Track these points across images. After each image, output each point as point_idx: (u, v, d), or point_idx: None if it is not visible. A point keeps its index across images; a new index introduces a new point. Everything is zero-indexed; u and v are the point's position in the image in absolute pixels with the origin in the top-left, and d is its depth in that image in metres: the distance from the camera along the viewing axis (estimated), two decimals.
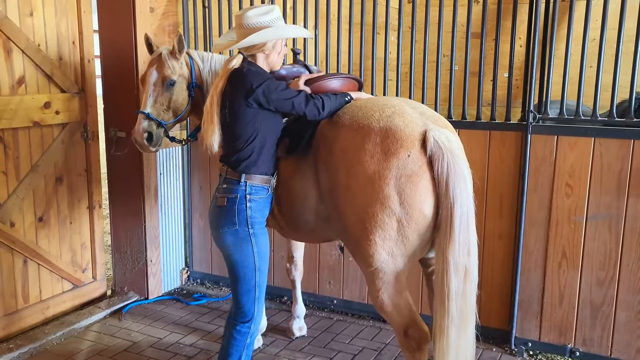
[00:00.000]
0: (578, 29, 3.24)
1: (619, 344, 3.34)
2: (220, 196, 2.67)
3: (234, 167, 2.65)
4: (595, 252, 3.31)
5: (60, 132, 3.89)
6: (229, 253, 2.69)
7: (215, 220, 2.69)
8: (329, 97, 2.70)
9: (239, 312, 2.76)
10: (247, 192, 2.63)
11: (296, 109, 2.62)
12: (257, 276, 2.70)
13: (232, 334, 2.77)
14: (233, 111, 2.57)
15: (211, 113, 2.59)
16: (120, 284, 4.45)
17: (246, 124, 2.58)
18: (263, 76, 2.58)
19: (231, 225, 2.63)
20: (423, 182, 2.37)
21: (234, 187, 2.64)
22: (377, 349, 3.64)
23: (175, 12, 4.35)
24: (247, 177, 2.63)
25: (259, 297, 2.75)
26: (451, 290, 2.35)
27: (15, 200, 3.63)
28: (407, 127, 2.42)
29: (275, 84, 2.58)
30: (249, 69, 2.58)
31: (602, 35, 3.15)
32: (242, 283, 2.71)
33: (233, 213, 2.63)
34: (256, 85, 2.52)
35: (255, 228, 2.68)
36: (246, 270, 2.69)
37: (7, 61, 3.51)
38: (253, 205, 2.66)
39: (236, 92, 2.56)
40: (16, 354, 3.51)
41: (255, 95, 2.53)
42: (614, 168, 3.20)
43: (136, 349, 3.64)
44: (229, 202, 2.63)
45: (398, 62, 3.69)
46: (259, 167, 2.67)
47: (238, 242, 2.66)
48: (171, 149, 4.41)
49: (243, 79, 2.54)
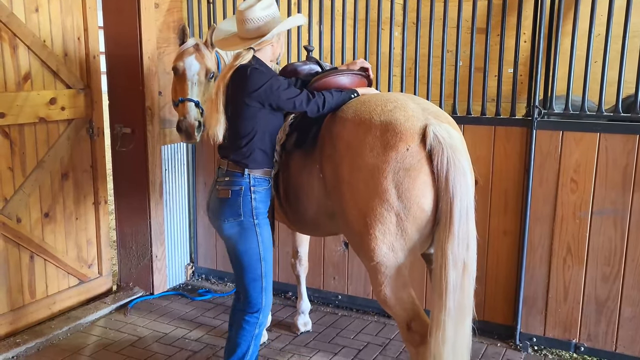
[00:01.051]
0: (583, 24, 3.22)
1: (624, 340, 3.34)
2: (222, 188, 2.70)
3: (236, 161, 2.69)
4: (600, 247, 3.31)
5: (65, 128, 3.91)
6: (234, 243, 2.74)
7: (219, 211, 2.73)
8: (331, 93, 2.73)
9: (247, 303, 2.79)
10: (251, 184, 2.69)
11: (297, 108, 2.68)
12: (262, 266, 2.75)
13: (241, 324, 2.80)
14: (235, 108, 2.64)
15: (216, 103, 2.63)
16: (126, 280, 4.46)
17: (248, 120, 2.64)
18: (266, 76, 2.63)
19: (236, 216, 2.68)
20: (422, 176, 2.36)
21: (238, 179, 2.68)
22: (381, 344, 3.65)
23: (180, 8, 4.35)
24: (249, 170, 2.69)
25: (266, 287, 2.79)
26: (449, 284, 2.35)
27: (21, 196, 3.65)
28: (408, 121, 2.42)
29: (277, 83, 2.63)
30: (253, 69, 2.62)
31: (608, 30, 3.14)
32: (248, 273, 2.75)
33: (238, 205, 2.68)
34: (258, 86, 2.58)
35: (260, 219, 2.73)
36: (251, 260, 2.73)
37: (13, 57, 3.53)
38: (257, 197, 2.71)
39: (238, 91, 2.61)
40: (23, 348, 3.54)
41: (256, 96, 2.59)
42: (620, 163, 3.20)
43: (142, 344, 3.66)
44: (234, 194, 2.68)
45: (403, 57, 3.69)
46: (261, 161, 2.72)
47: (243, 233, 2.71)
48: (176, 145, 4.42)
49: (246, 80, 2.59)
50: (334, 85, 2.92)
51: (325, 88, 2.85)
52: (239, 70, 2.63)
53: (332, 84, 2.91)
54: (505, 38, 3.42)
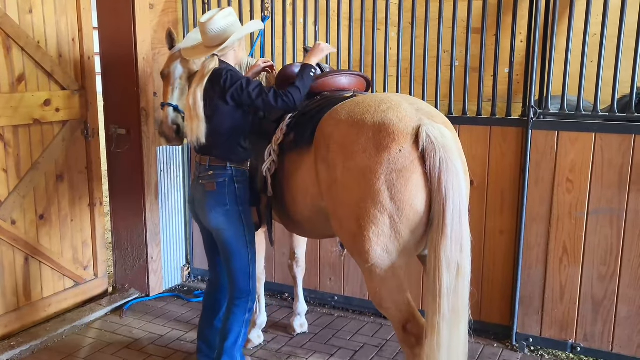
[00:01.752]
0: (579, 24, 3.23)
1: (620, 339, 3.34)
2: (208, 182, 2.89)
3: (219, 156, 2.88)
4: (596, 247, 3.31)
5: (60, 129, 3.89)
6: (222, 231, 2.91)
7: (206, 203, 2.90)
8: (295, 86, 2.85)
9: (236, 289, 2.97)
10: (234, 176, 2.89)
11: (267, 105, 2.83)
12: (249, 250, 2.96)
13: (231, 309, 2.99)
14: (215, 108, 2.82)
15: (195, 109, 2.78)
16: (122, 281, 4.45)
17: (228, 119, 2.83)
18: (239, 76, 2.83)
19: (223, 205, 2.88)
20: (414, 177, 2.35)
21: (222, 172, 2.88)
22: (378, 345, 3.65)
23: (175, 9, 4.34)
24: (232, 164, 2.89)
25: (252, 273, 2.99)
26: (443, 287, 2.33)
27: (16, 198, 3.63)
28: (400, 122, 2.40)
29: (246, 83, 2.80)
30: (228, 70, 2.82)
31: (603, 30, 3.15)
32: (237, 259, 2.94)
33: (224, 195, 2.88)
34: (232, 85, 2.77)
35: (244, 206, 2.94)
36: (240, 245, 2.93)
37: (7, 58, 3.51)
38: (240, 187, 2.91)
39: (217, 91, 2.79)
40: (18, 351, 3.52)
41: (231, 94, 2.77)
42: (615, 163, 3.20)
43: (138, 346, 3.65)
44: (219, 186, 2.87)
45: (398, 58, 3.69)
46: (241, 155, 2.92)
47: (229, 220, 2.90)
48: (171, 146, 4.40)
49: (225, 81, 2.78)
50: (334, 86, 2.99)
51: (323, 89, 2.93)
52: (216, 73, 2.81)
53: (331, 85, 2.96)
54: (501, 38, 3.42)
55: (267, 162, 2.94)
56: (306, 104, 2.95)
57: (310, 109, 2.89)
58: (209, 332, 3.21)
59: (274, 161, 2.92)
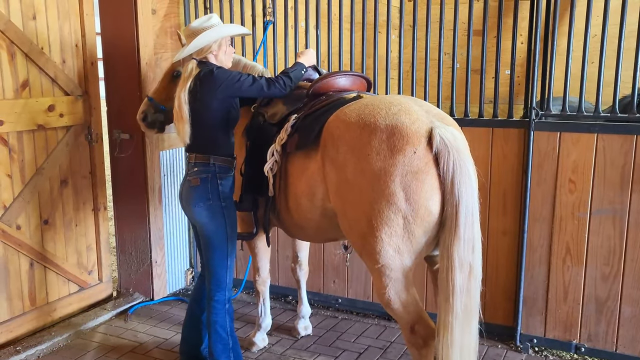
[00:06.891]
0: (579, 25, 3.24)
1: (624, 339, 3.34)
2: (193, 178, 3.00)
3: (202, 152, 2.99)
4: (599, 247, 3.32)
5: (64, 134, 3.91)
6: (204, 224, 3.01)
7: (191, 197, 3.00)
8: (285, 73, 3.03)
9: (214, 281, 3.07)
10: (217, 172, 2.99)
11: (260, 92, 2.98)
12: (228, 245, 3.05)
13: (212, 305, 3.08)
14: (203, 105, 2.91)
15: (181, 112, 2.89)
16: (126, 286, 4.46)
17: (212, 114, 2.94)
18: (227, 72, 2.95)
19: (206, 200, 2.98)
20: (429, 179, 2.38)
21: (205, 168, 2.98)
22: (382, 347, 3.65)
23: (177, 14, 4.36)
24: (214, 159, 2.98)
25: (230, 265, 3.10)
26: (456, 287, 2.37)
27: (20, 203, 3.65)
28: (414, 125, 2.43)
29: (237, 75, 2.93)
30: (217, 67, 2.93)
31: (604, 31, 3.16)
32: (217, 252, 3.04)
33: (207, 190, 2.98)
34: (223, 81, 2.89)
35: (227, 202, 3.03)
36: (221, 239, 3.02)
37: (11, 64, 3.53)
38: (223, 182, 3.01)
39: (207, 90, 2.89)
40: (23, 355, 3.53)
41: (223, 89, 2.89)
42: (617, 163, 3.21)
43: (142, 350, 3.65)
44: (203, 181, 2.98)
45: (400, 60, 3.70)
46: (223, 150, 3.01)
47: (212, 215, 2.99)
48: (175, 150, 4.42)
49: (215, 79, 2.89)
50: (334, 88, 3.03)
51: (326, 90, 2.99)
52: (205, 73, 2.90)
53: (331, 86, 3.00)
54: (502, 40, 3.43)
55: (269, 162, 2.96)
56: (310, 104, 2.97)
57: (314, 110, 2.91)
58: (191, 326, 3.32)
59: (276, 161, 2.94)
